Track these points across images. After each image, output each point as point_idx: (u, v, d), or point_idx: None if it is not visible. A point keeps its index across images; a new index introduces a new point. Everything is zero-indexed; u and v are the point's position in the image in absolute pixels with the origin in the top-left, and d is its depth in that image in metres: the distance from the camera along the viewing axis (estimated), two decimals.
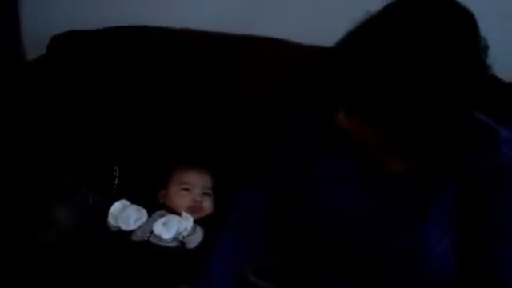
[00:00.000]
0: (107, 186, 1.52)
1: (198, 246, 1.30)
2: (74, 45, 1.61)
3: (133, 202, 1.39)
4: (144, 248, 1.30)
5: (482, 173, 0.89)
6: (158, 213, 1.37)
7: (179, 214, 1.35)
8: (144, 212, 1.36)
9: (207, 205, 1.40)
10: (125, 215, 1.34)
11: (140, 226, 1.33)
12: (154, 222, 1.34)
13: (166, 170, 1.46)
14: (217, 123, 1.54)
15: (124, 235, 1.33)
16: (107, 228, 1.35)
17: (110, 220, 1.35)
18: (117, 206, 1.36)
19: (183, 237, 1.31)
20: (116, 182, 1.53)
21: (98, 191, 1.47)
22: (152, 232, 1.32)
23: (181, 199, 1.39)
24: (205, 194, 1.42)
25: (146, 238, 1.31)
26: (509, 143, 0.91)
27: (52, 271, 1.24)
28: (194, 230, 1.32)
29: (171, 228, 1.30)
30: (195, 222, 1.34)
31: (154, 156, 1.55)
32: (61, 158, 1.50)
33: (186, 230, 1.31)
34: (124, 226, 1.34)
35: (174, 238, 1.31)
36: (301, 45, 1.48)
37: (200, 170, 1.44)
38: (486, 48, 0.79)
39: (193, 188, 1.41)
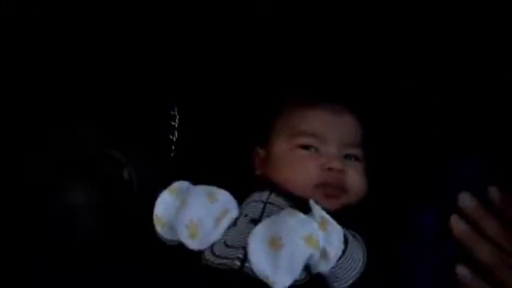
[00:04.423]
0: (157, 147, 0.99)
1: None
2: None
3: (202, 175, 0.80)
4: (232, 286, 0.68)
5: None
6: (256, 198, 0.76)
7: (302, 202, 0.72)
8: (228, 198, 0.75)
9: (354, 179, 0.80)
10: (192, 215, 0.73)
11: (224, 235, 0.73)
12: (248, 227, 0.71)
13: (264, 111, 0.93)
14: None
15: (191, 254, 0.74)
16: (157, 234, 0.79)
17: (160, 230, 0.77)
18: (167, 201, 0.76)
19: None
20: (175, 137, 0.98)
21: (140, 156, 0.94)
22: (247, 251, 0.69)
23: (299, 167, 0.80)
24: (347, 156, 0.82)
25: (237, 267, 0.68)
26: None
27: None
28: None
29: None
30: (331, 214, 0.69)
31: (240, 88, 1.03)
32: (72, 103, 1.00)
33: (335, 253, 0.64)
34: (195, 244, 0.71)
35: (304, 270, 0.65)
36: None
37: (336, 108, 0.85)
38: None
39: (323, 144, 0.82)
